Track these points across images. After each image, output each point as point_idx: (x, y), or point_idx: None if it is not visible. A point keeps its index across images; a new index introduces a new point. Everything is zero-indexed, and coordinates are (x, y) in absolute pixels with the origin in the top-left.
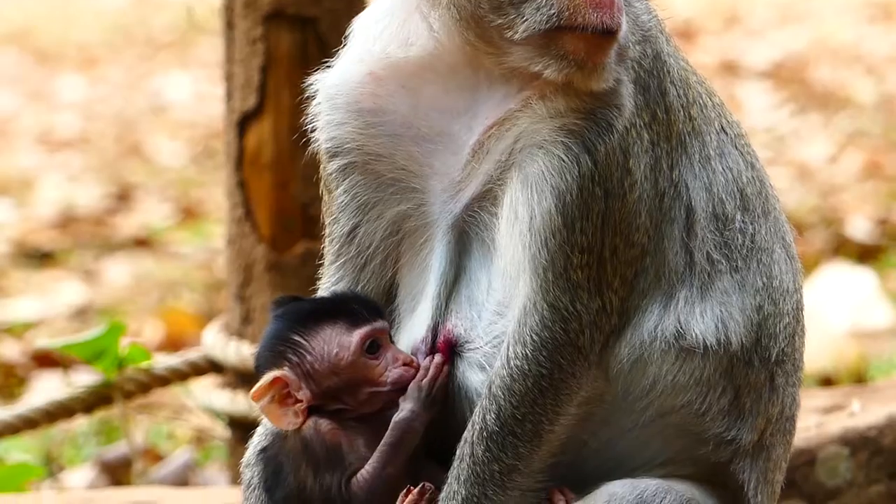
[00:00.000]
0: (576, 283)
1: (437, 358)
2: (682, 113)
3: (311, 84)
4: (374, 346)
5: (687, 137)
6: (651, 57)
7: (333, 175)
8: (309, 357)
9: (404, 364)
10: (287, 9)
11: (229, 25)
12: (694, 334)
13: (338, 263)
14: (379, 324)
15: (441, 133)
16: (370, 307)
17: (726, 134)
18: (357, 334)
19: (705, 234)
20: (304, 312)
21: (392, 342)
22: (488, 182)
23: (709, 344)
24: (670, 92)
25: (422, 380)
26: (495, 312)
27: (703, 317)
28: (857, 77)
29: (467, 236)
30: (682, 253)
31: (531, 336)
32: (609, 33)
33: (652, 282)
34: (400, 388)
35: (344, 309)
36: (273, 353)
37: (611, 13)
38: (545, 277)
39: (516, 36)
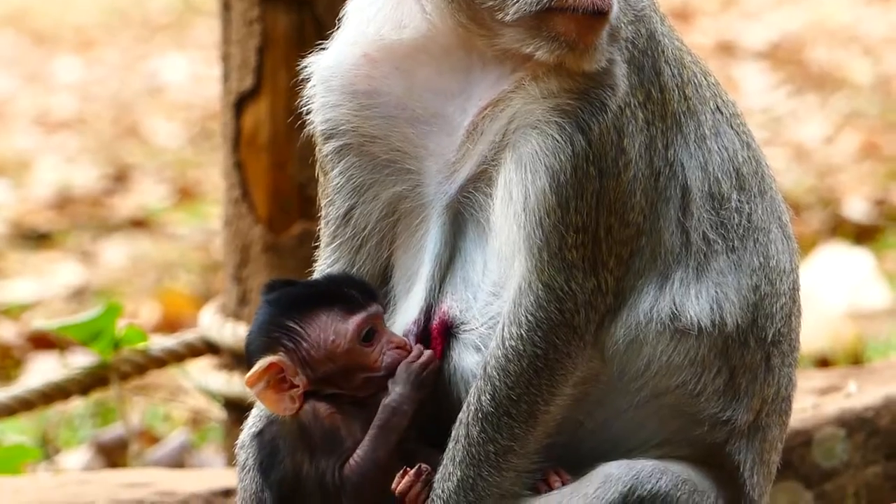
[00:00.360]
0: (571, 263)
1: (429, 352)
2: (676, 92)
3: (306, 66)
4: (370, 333)
5: (682, 117)
6: (645, 37)
7: (329, 157)
8: (305, 344)
9: (398, 347)
10: None
11: (226, 6)
12: (689, 315)
13: (333, 245)
14: (373, 308)
15: (435, 115)
16: (364, 291)
17: (721, 113)
18: (353, 322)
19: (701, 214)
20: (298, 298)
21: (385, 326)
22: (483, 163)
23: (703, 325)
24: (665, 72)
25: (411, 362)
26: (491, 293)
27: (698, 298)
28: (854, 58)
29: (462, 217)
30: (678, 233)
31: (526, 316)
32: (600, 14)
33: (648, 262)
34: (394, 371)
35: (338, 294)
36: (268, 339)
37: None
38: (540, 257)
39: (507, 17)
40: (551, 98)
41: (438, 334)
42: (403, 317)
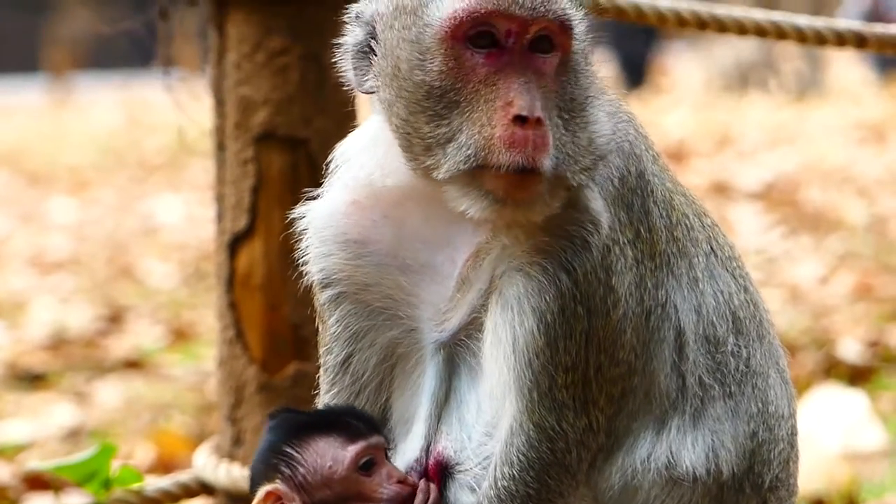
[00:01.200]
0: (561, 403)
1: (432, 487)
2: (664, 233)
3: (301, 215)
4: (369, 463)
5: (672, 258)
6: (634, 175)
7: (326, 305)
8: (301, 469)
9: (399, 482)
10: (278, 130)
11: (220, 147)
12: (685, 465)
13: (332, 392)
14: (374, 439)
15: (425, 264)
16: (367, 421)
17: (716, 256)
18: (351, 450)
19: (697, 358)
20: (297, 424)
21: (388, 458)
22: (473, 311)
23: (698, 474)
24: (653, 212)
25: (423, 500)
26: (484, 434)
27: (694, 446)
28: (849, 199)
29: (456, 360)
30: (674, 376)
31: (518, 456)
32: (527, 171)
33: (642, 404)
34: None
35: (339, 422)
36: (267, 466)
37: (527, 151)
38: (530, 398)
39: (440, 176)
40: (530, 239)
41: (434, 474)
42: (403, 457)
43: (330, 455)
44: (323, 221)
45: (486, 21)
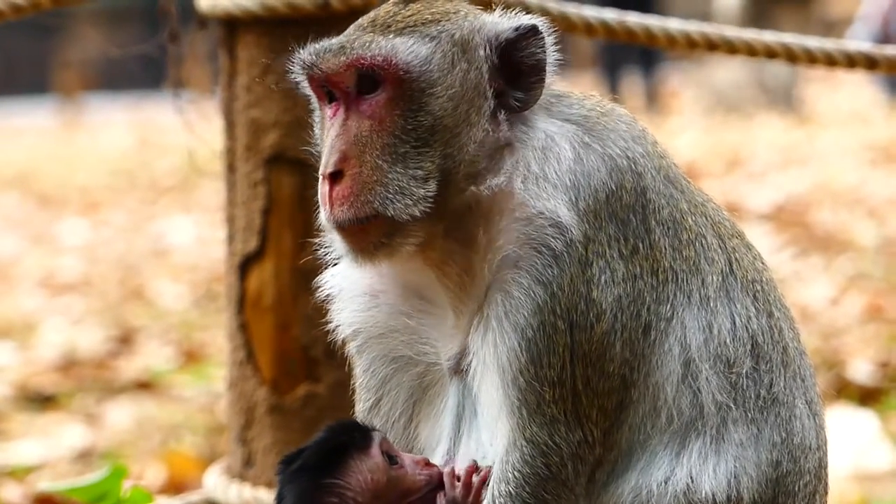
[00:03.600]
0: (552, 417)
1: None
2: (670, 251)
3: (326, 282)
4: (393, 458)
5: (682, 275)
6: (632, 192)
7: (354, 356)
8: (349, 493)
9: (426, 465)
10: (288, 152)
11: (231, 169)
12: (703, 491)
13: None
14: (378, 436)
15: (426, 304)
16: (361, 428)
17: (735, 277)
18: (376, 454)
19: (709, 376)
20: (320, 456)
21: (397, 448)
22: (468, 336)
23: (718, 501)
24: (655, 230)
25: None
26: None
27: (715, 472)
28: (859, 220)
29: (468, 387)
30: (686, 391)
31: (513, 473)
32: (349, 223)
33: (648, 417)
34: (432, 488)
35: (345, 439)
36: None
37: (334, 207)
38: (520, 415)
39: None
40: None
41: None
42: None
43: (365, 468)
44: (340, 281)
45: (315, 81)
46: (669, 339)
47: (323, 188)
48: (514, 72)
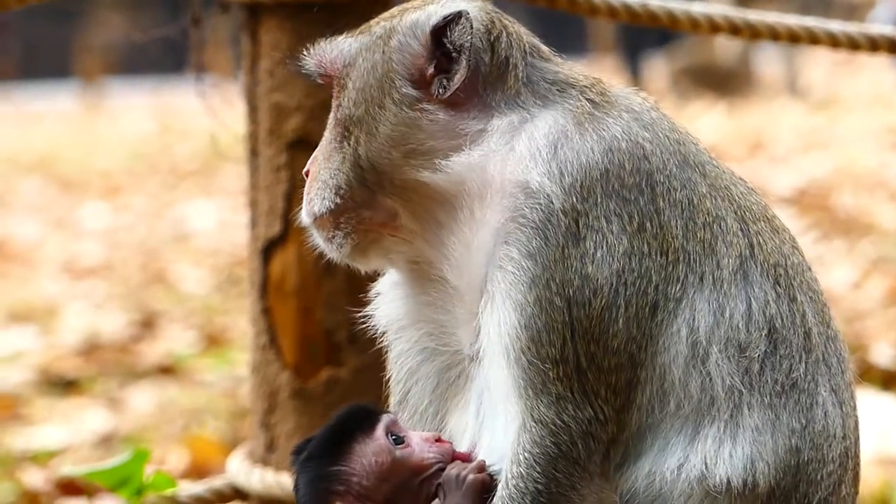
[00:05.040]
0: (559, 396)
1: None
2: (681, 232)
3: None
4: (399, 438)
5: (693, 256)
6: (635, 173)
7: (386, 349)
8: (354, 479)
9: (437, 441)
10: (311, 136)
11: (253, 153)
12: (718, 476)
13: None
14: (386, 418)
15: (445, 293)
16: (369, 410)
17: (755, 261)
18: (380, 435)
19: (720, 360)
20: (324, 444)
21: (406, 427)
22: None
23: (734, 485)
24: (664, 210)
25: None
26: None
27: (731, 456)
28: (881, 203)
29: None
30: (695, 375)
31: (524, 454)
32: (307, 225)
33: (657, 399)
34: (444, 465)
35: (351, 424)
36: (319, 493)
37: (301, 210)
38: (527, 395)
39: None
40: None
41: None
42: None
43: (369, 451)
44: (383, 279)
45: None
46: (678, 320)
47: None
48: (448, 58)
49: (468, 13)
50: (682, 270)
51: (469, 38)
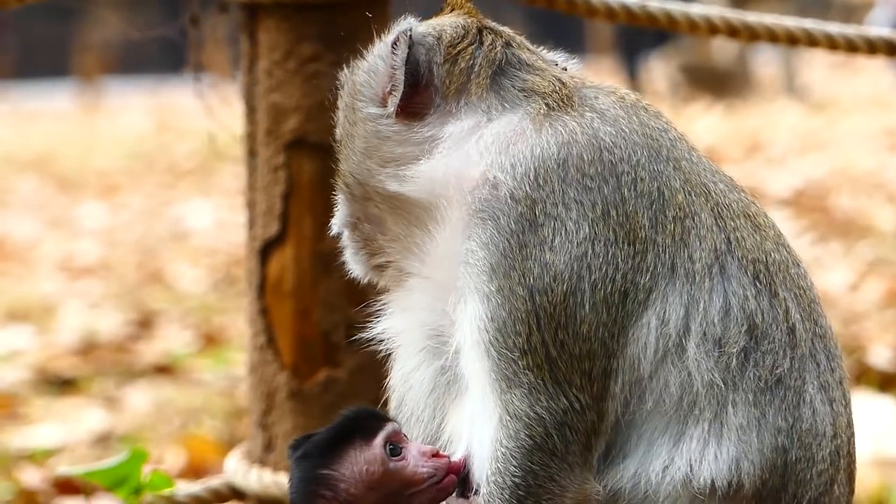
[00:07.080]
0: (531, 386)
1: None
2: (648, 223)
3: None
4: (396, 449)
5: (662, 247)
6: (595, 162)
7: (386, 353)
8: (342, 485)
9: (433, 455)
10: (309, 137)
11: (251, 153)
12: (703, 478)
13: None
14: (390, 426)
15: (436, 296)
16: (376, 416)
17: (733, 256)
18: (377, 444)
19: (697, 355)
20: (320, 445)
21: (409, 439)
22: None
23: (718, 486)
24: (630, 200)
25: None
26: None
27: (717, 457)
28: (878, 205)
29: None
30: (673, 370)
31: (500, 451)
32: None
33: (632, 392)
34: (438, 480)
35: (354, 428)
36: (307, 495)
37: None
38: (500, 388)
39: None
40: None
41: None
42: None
43: (362, 458)
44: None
45: None
46: (648, 311)
47: None
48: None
49: (407, 34)
50: (651, 261)
51: (401, 56)
